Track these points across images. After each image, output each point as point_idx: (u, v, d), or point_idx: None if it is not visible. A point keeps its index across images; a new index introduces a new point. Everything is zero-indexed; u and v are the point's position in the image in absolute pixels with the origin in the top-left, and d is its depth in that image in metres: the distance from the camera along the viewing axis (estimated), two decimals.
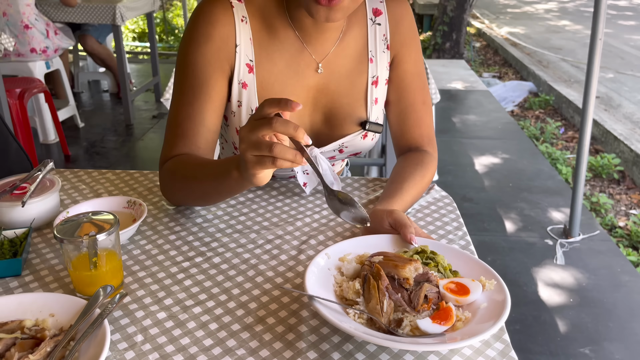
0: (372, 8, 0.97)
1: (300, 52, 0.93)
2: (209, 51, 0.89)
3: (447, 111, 4.26)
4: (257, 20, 0.91)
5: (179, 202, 0.94)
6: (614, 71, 5.87)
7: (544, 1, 12.20)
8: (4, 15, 3.11)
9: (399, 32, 0.99)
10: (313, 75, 0.95)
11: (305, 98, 0.96)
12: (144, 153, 3.41)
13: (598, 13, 2.05)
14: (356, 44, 0.97)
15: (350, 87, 0.98)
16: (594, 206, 3.18)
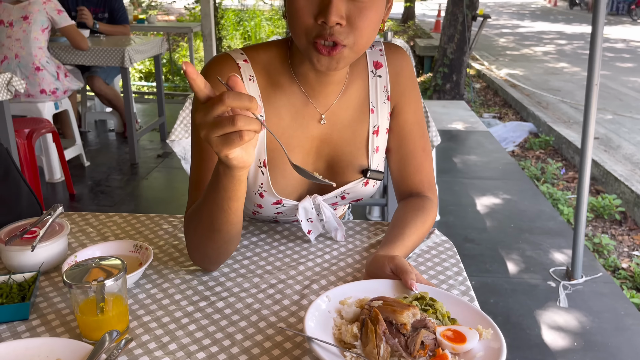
0: (372, 61, 1.02)
1: (305, 105, 0.97)
2: None
3: (448, 151, 4.30)
4: (263, 78, 0.95)
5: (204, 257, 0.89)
6: (612, 113, 5.95)
7: (541, 44, 12.47)
8: (16, 57, 3.20)
9: (399, 83, 1.03)
10: (317, 126, 0.99)
11: (309, 148, 1.00)
12: (148, 192, 3.44)
13: (593, 60, 2.11)
14: (358, 96, 1.01)
15: (352, 136, 1.01)
16: (597, 247, 3.18)
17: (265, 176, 0.97)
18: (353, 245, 1.02)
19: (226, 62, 0.93)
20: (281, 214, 1.05)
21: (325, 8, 0.79)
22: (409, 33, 13.30)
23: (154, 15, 5.55)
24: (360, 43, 0.84)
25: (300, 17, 0.82)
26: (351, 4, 0.81)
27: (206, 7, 4.92)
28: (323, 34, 0.81)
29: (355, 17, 0.81)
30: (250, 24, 12.24)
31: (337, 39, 0.81)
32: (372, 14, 0.82)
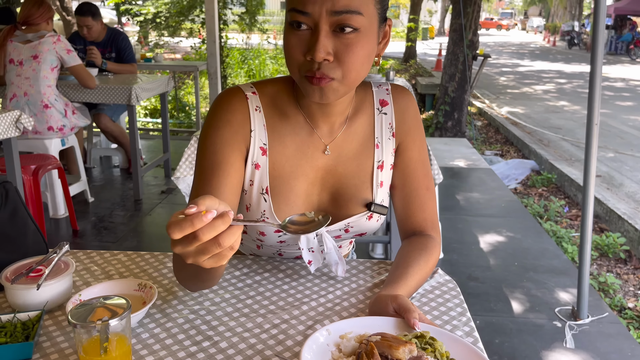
0: (379, 99, 1.06)
1: (309, 135, 1.01)
2: (226, 134, 0.97)
3: (450, 189, 4.32)
4: (269, 108, 1.00)
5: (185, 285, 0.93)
6: (614, 151, 5.98)
7: (541, 82, 12.64)
8: (25, 95, 3.26)
9: (404, 121, 1.06)
10: (321, 156, 1.02)
11: (314, 178, 1.02)
12: (151, 228, 3.45)
13: (593, 99, 2.14)
14: (363, 130, 1.04)
15: (356, 169, 1.04)
16: (602, 286, 3.15)
17: (268, 203, 1.00)
18: (356, 285, 1.02)
19: (235, 93, 0.99)
20: (284, 242, 1.06)
21: (313, 46, 0.83)
22: (410, 72, 13.52)
23: (160, 54, 5.67)
24: (349, 77, 0.87)
25: (292, 54, 0.87)
26: (338, 41, 0.84)
27: (212, 47, 5.03)
28: (312, 69, 0.85)
29: (342, 52, 0.85)
30: (254, 62, 12.48)
31: (324, 73, 0.85)
32: (359, 49, 0.85)
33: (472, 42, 6.66)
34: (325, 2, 0.81)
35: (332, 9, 0.82)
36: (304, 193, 1.02)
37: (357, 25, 0.83)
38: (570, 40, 25.26)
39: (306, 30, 0.84)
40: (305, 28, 0.84)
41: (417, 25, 16.13)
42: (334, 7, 0.81)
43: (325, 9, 0.81)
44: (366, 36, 0.85)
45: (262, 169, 0.99)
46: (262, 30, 11.76)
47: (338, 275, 1.04)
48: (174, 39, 11.29)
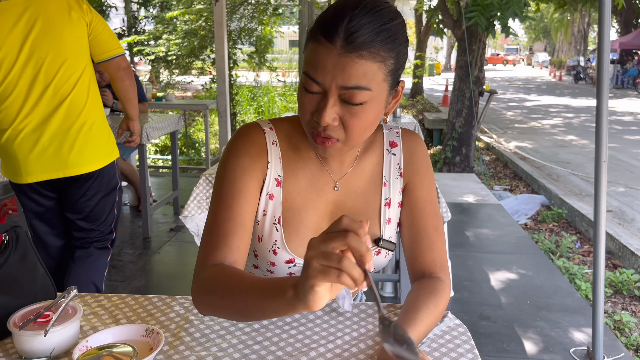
0: (389, 140, 1.10)
1: (320, 171, 1.06)
2: (246, 162, 1.01)
3: (459, 225, 4.29)
4: (285, 142, 1.05)
5: (213, 313, 0.90)
6: (624, 185, 5.94)
7: (549, 117, 12.69)
8: None
9: (412, 162, 1.10)
10: (331, 192, 1.06)
11: (324, 212, 1.06)
12: (160, 267, 3.44)
13: (600, 137, 2.14)
14: (372, 169, 1.08)
15: (364, 205, 1.07)
16: (617, 324, 3.08)
17: (280, 233, 1.03)
18: (365, 330, 1.01)
19: (254, 129, 1.04)
20: (294, 274, 1.06)
21: (320, 110, 0.88)
22: (417, 107, 13.65)
23: (171, 94, 5.78)
24: (352, 140, 0.92)
25: (302, 112, 0.92)
26: (345, 109, 0.88)
27: (222, 86, 5.13)
28: (317, 129, 0.91)
29: (347, 120, 0.89)
30: (263, 99, 12.68)
31: (329, 135, 0.90)
32: (364, 117, 0.89)
33: (478, 79, 6.74)
34: (336, 77, 0.85)
35: (342, 84, 0.85)
36: (314, 226, 1.05)
37: (365, 99, 0.87)
38: (576, 74, 25.47)
39: (317, 94, 0.89)
40: (316, 92, 0.89)
41: (424, 61, 16.38)
42: (344, 83, 0.85)
43: (335, 83, 0.86)
44: (373, 105, 0.90)
45: (276, 200, 1.03)
46: (271, 68, 11.99)
47: (345, 309, 1.05)
48: (185, 78, 11.52)
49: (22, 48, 1.98)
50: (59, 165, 2.05)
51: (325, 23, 0.86)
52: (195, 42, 9.88)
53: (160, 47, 10.34)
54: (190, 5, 9.94)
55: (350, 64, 0.84)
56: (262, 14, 10.20)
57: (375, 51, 0.85)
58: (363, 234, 0.66)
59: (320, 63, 0.86)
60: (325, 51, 0.85)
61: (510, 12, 5.85)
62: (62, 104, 2.04)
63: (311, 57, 0.88)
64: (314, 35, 0.88)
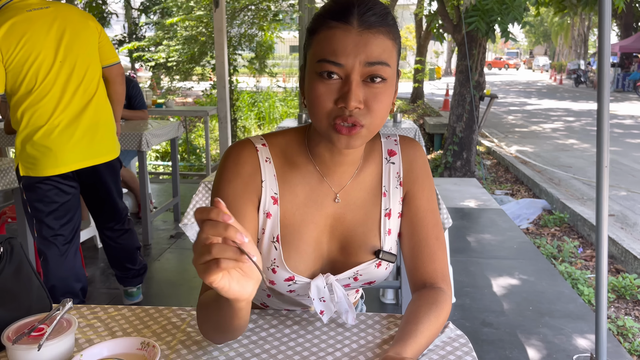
0: (387, 149, 1.08)
1: (319, 184, 1.02)
2: (238, 186, 0.98)
3: (461, 230, 4.27)
4: (279, 159, 1.02)
5: (208, 336, 0.94)
6: (626, 190, 5.91)
7: (550, 121, 12.68)
8: None
9: (412, 171, 1.07)
10: (331, 204, 1.03)
11: (324, 226, 1.03)
12: (159, 274, 3.42)
13: (601, 142, 2.12)
14: (371, 179, 1.06)
15: (364, 217, 1.04)
16: (621, 330, 3.06)
17: (278, 251, 1.00)
18: (365, 341, 1.00)
19: (245, 147, 1.01)
20: (293, 292, 1.04)
21: (346, 95, 0.86)
22: (418, 112, 13.65)
23: (171, 100, 5.78)
24: (375, 123, 0.90)
25: (321, 102, 0.89)
26: (367, 90, 0.88)
27: (222, 92, 5.13)
28: (343, 116, 0.88)
29: (371, 101, 0.88)
30: (264, 104, 12.69)
31: (356, 120, 0.88)
32: (385, 97, 0.89)
33: (478, 83, 6.73)
34: (359, 54, 0.85)
35: (366, 60, 0.86)
36: (314, 241, 1.02)
37: (386, 75, 0.88)
38: (576, 78, 25.47)
39: (336, 79, 0.87)
40: (336, 77, 0.87)
41: (424, 66, 16.39)
42: (368, 58, 0.86)
43: (358, 60, 0.86)
44: (390, 86, 0.90)
45: (274, 218, 1.00)
46: (272, 74, 12.00)
47: (348, 324, 1.03)
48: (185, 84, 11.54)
49: (57, 52, 2.26)
50: (91, 154, 2.41)
51: (334, 10, 0.88)
52: (195, 48, 9.89)
53: (160, 53, 10.36)
54: (190, 11, 9.96)
55: (372, 39, 0.86)
56: (262, 20, 10.21)
57: (388, 29, 0.88)
58: (216, 214, 0.65)
59: (339, 44, 0.86)
60: (342, 33, 0.86)
61: (510, 17, 5.85)
62: (91, 101, 2.37)
63: (326, 43, 0.87)
64: (323, 23, 0.88)
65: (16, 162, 2.35)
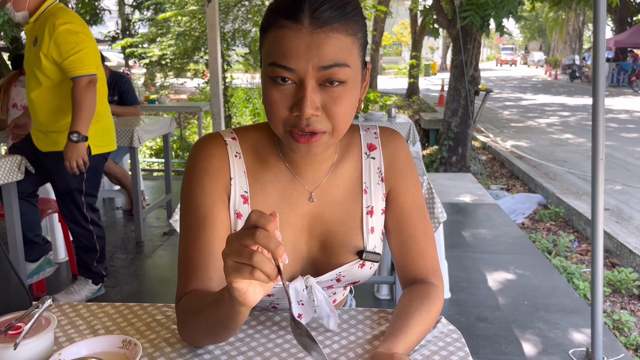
0: (366, 143, 1.02)
1: (292, 183, 0.97)
2: (206, 184, 0.93)
3: (456, 225, 4.25)
4: (250, 155, 0.96)
5: (193, 341, 0.90)
6: (621, 183, 5.91)
7: (545, 116, 12.68)
8: None
9: (394, 166, 1.01)
10: (306, 204, 0.97)
11: (300, 226, 0.98)
12: (152, 271, 3.39)
13: (597, 134, 2.10)
14: (350, 175, 1.00)
15: (344, 215, 0.99)
16: (617, 324, 3.05)
17: None
18: (355, 337, 0.97)
19: (214, 139, 0.96)
20: (272, 296, 1.00)
21: (300, 101, 0.79)
22: (413, 107, 13.63)
23: (164, 96, 5.75)
24: (338, 128, 0.84)
25: (275, 109, 0.82)
26: (325, 94, 0.81)
27: (215, 88, 5.08)
28: (299, 125, 0.81)
29: (330, 105, 0.81)
30: (259, 101, 12.63)
31: (314, 128, 0.81)
32: (346, 100, 0.82)
33: (473, 78, 6.71)
34: (311, 58, 0.77)
35: (319, 64, 0.78)
36: (291, 242, 0.97)
37: (345, 77, 0.80)
38: (571, 73, 25.51)
39: (290, 84, 0.80)
40: (289, 82, 0.80)
41: (419, 61, 16.36)
42: (321, 62, 0.78)
43: (311, 64, 0.78)
44: (353, 86, 0.83)
45: (244, 218, 0.95)
46: None
47: (330, 328, 0.98)
48: (179, 80, 11.47)
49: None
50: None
51: (283, 5, 0.79)
52: (188, 43, 9.83)
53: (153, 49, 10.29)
54: (183, 6, 9.90)
55: (325, 39, 0.77)
56: (256, 15, 10.16)
57: (346, 23, 0.79)
58: (272, 229, 0.65)
59: (289, 47, 0.77)
60: (292, 33, 0.77)
61: (505, 11, 5.82)
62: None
63: (276, 44, 0.79)
64: (273, 21, 0.80)
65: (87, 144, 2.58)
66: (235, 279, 0.66)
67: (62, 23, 2.43)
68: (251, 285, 0.68)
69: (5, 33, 7.66)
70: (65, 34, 2.43)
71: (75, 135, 2.46)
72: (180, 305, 0.90)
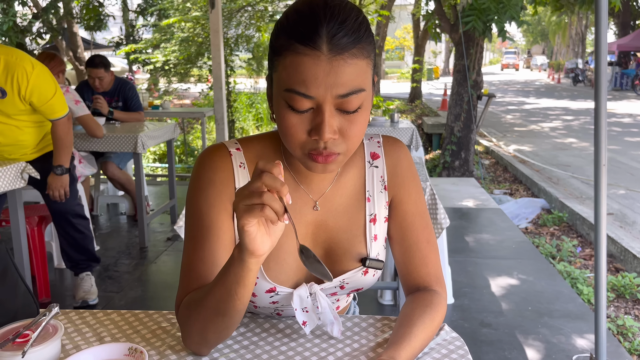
0: (370, 152, 1.03)
1: (296, 191, 0.98)
2: (211, 195, 0.94)
3: (459, 230, 4.25)
4: (254, 165, 0.97)
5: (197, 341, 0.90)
6: (624, 188, 5.90)
7: (548, 120, 12.67)
8: None
9: (397, 174, 1.03)
10: (310, 212, 0.99)
11: (304, 234, 0.99)
12: (156, 277, 3.40)
13: (599, 140, 2.10)
14: (353, 184, 1.02)
15: (348, 223, 1.01)
16: (620, 329, 3.04)
17: None
18: (359, 345, 0.97)
19: (219, 150, 0.97)
20: (277, 303, 1.01)
21: (318, 127, 0.80)
22: (416, 112, 13.64)
23: (168, 101, 5.76)
24: (353, 147, 0.86)
25: (293, 134, 0.82)
26: (342, 118, 0.82)
27: (219, 93, 5.10)
28: (317, 148, 0.83)
29: (347, 129, 0.82)
30: (262, 106, 12.66)
31: (331, 151, 0.83)
32: (362, 121, 0.84)
33: (476, 82, 6.72)
34: (331, 86, 0.78)
35: (338, 93, 0.79)
36: (294, 250, 0.96)
37: (361, 102, 0.82)
38: (574, 77, 25.48)
39: (309, 109, 0.81)
40: (307, 109, 0.81)
41: (422, 66, 16.38)
42: (340, 90, 0.78)
43: (329, 93, 0.78)
44: (367, 107, 0.84)
45: None
46: None
47: (334, 335, 0.99)
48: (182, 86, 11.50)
49: None
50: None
51: (299, 31, 0.78)
52: (192, 49, 9.88)
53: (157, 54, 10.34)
54: (186, 12, 9.94)
55: (344, 66, 0.77)
56: (259, 21, 10.20)
57: (361, 47, 0.79)
58: (277, 173, 0.72)
59: (308, 75, 0.77)
60: (311, 60, 0.77)
61: (507, 16, 5.83)
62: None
63: (293, 71, 0.78)
64: (288, 46, 0.79)
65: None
66: (248, 219, 0.72)
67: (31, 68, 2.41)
68: (259, 231, 0.74)
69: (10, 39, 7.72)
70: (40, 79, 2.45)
71: (60, 169, 2.63)
72: (183, 304, 0.91)
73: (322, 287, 0.99)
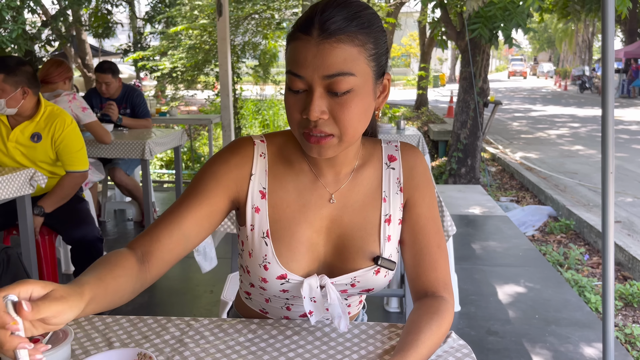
0: (387, 154, 1.07)
1: (313, 183, 1.03)
2: (219, 169, 1.01)
3: (466, 237, 4.24)
4: (274, 156, 1.04)
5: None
6: (632, 196, 5.87)
7: (555, 127, 12.63)
8: None
9: (412, 177, 1.06)
10: (326, 205, 1.02)
11: (319, 227, 1.02)
12: (162, 282, 3.41)
13: (606, 148, 2.10)
14: (370, 183, 1.05)
15: (363, 221, 1.03)
16: (628, 338, 3.02)
17: (269, 247, 1.00)
18: (366, 352, 0.98)
19: (245, 139, 1.05)
20: (287, 292, 1.03)
21: (308, 105, 0.88)
22: (422, 119, 13.64)
23: (175, 108, 5.80)
24: (347, 133, 0.91)
25: (291, 113, 0.91)
26: (332, 100, 0.88)
27: (225, 100, 5.13)
28: (309, 127, 0.90)
29: (337, 111, 0.89)
30: (268, 112, 12.71)
31: (322, 130, 0.89)
32: (353, 106, 0.89)
33: (482, 90, 6.72)
34: (318, 67, 0.86)
35: (324, 73, 0.86)
36: (307, 240, 1.01)
37: (350, 86, 0.87)
38: (581, 84, 25.41)
39: (303, 92, 0.89)
40: (301, 89, 0.89)
41: (428, 73, 16.40)
42: (326, 71, 0.86)
43: (317, 73, 0.86)
44: (361, 94, 0.89)
45: (262, 213, 1.01)
46: (275, 82, 12.04)
47: (340, 330, 1.01)
48: (189, 92, 11.57)
49: None
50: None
51: (300, 20, 0.89)
52: (199, 56, 9.94)
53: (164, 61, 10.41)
54: (194, 20, 10.02)
55: (329, 49, 0.85)
56: (266, 28, 10.25)
57: (353, 35, 0.86)
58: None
59: (300, 57, 0.87)
60: (303, 44, 0.86)
61: (514, 24, 5.84)
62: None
63: (291, 54, 0.89)
64: (292, 34, 0.90)
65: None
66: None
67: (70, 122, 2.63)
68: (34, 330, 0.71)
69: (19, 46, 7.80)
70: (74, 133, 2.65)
71: (39, 210, 2.64)
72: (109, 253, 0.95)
73: (333, 281, 1.01)
